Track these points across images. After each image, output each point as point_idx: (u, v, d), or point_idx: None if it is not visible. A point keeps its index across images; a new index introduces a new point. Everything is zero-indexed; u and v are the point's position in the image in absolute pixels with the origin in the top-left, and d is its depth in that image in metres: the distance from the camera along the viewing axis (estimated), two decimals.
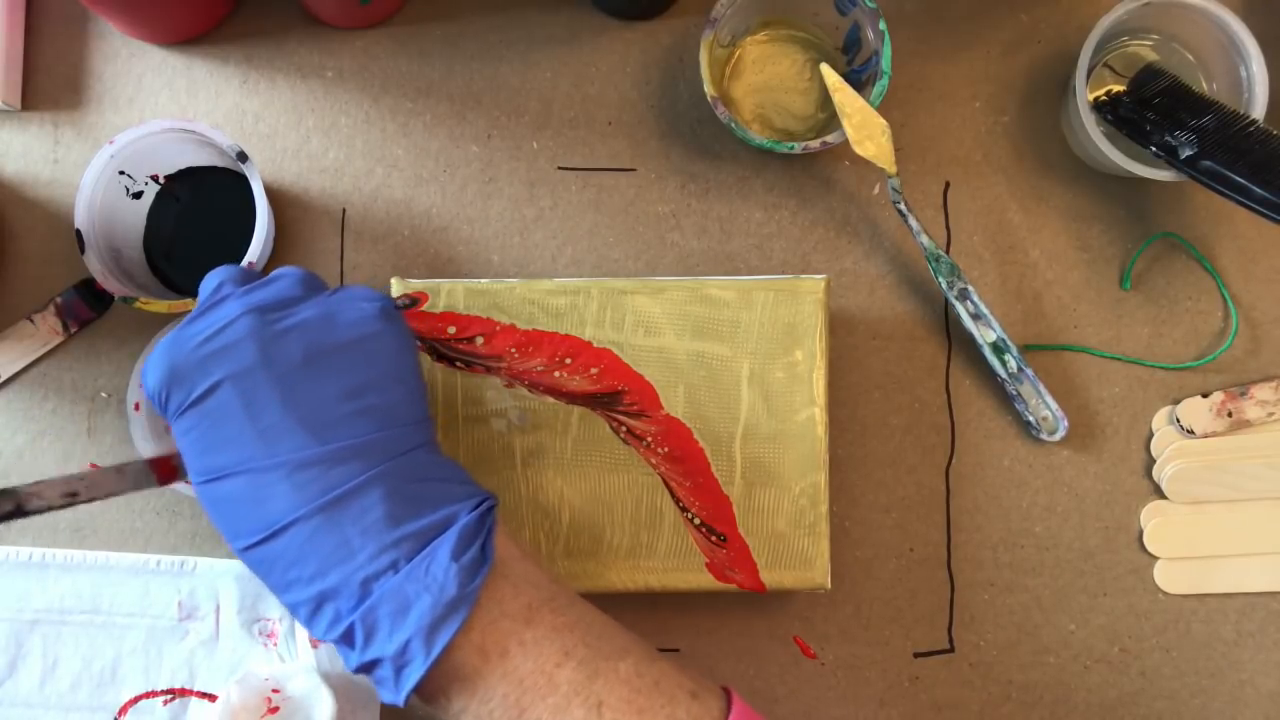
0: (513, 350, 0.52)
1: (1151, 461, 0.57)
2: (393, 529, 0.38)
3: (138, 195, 0.55)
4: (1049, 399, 0.56)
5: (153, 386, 0.40)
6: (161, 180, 0.56)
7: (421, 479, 0.40)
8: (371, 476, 0.39)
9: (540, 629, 0.39)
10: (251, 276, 0.43)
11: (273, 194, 0.57)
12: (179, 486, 0.48)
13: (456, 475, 0.42)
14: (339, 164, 0.57)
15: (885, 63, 0.53)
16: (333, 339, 0.41)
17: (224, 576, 0.55)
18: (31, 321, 0.56)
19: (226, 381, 0.39)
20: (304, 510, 0.38)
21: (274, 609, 0.55)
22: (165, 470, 0.43)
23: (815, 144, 0.53)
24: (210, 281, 0.43)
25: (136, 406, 0.53)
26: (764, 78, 0.58)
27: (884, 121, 0.54)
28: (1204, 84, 0.56)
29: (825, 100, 0.57)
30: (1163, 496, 0.57)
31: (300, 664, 0.54)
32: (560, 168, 0.58)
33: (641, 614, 0.56)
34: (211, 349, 0.40)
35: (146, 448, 0.53)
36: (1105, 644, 0.56)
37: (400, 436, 0.40)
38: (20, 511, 0.40)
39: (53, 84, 0.57)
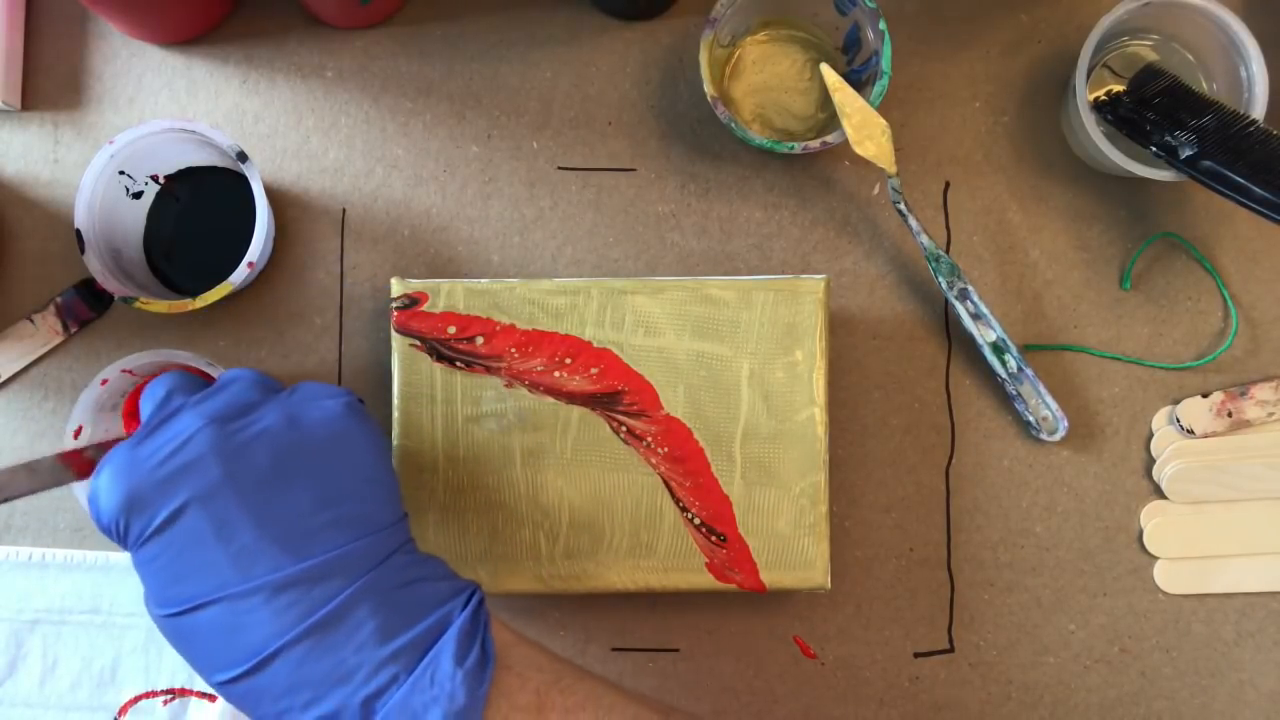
0: (513, 350, 0.52)
1: (1151, 461, 0.57)
2: (388, 642, 0.37)
3: (138, 195, 0.55)
4: (1049, 399, 0.56)
5: (108, 516, 0.37)
6: (161, 180, 0.56)
7: (408, 583, 0.39)
8: (357, 590, 0.37)
9: (553, 714, 0.38)
10: (198, 383, 0.41)
11: (273, 194, 0.57)
12: None
13: (439, 571, 0.41)
14: (339, 164, 0.57)
15: (885, 63, 0.53)
16: (300, 445, 0.39)
17: None
18: (31, 321, 0.56)
19: (193, 503, 0.37)
20: (290, 635, 0.36)
21: None
22: (80, 464, 0.41)
23: (815, 144, 0.53)
24: (156, 392, 0.40)
25: (76, 433, 0.51)
26: (764, 78, 0.58)
27: (884, 121, 0.54)
28: (1204, 84, 0.56)
29: (825, 100, 0.57)
30: (1163, 496, 0.57)
31: None
32: (560, 168, 0.58)
33: (641, 614, 0.56)
34: (172, 468, 0.37)
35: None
36: (1105, 644, 0.56)
37: (380, 541, 0.39)
38: None
39: (53, 84, 0.57)
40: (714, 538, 0.52)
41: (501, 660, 0.39)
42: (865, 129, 0.54)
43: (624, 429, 0.52)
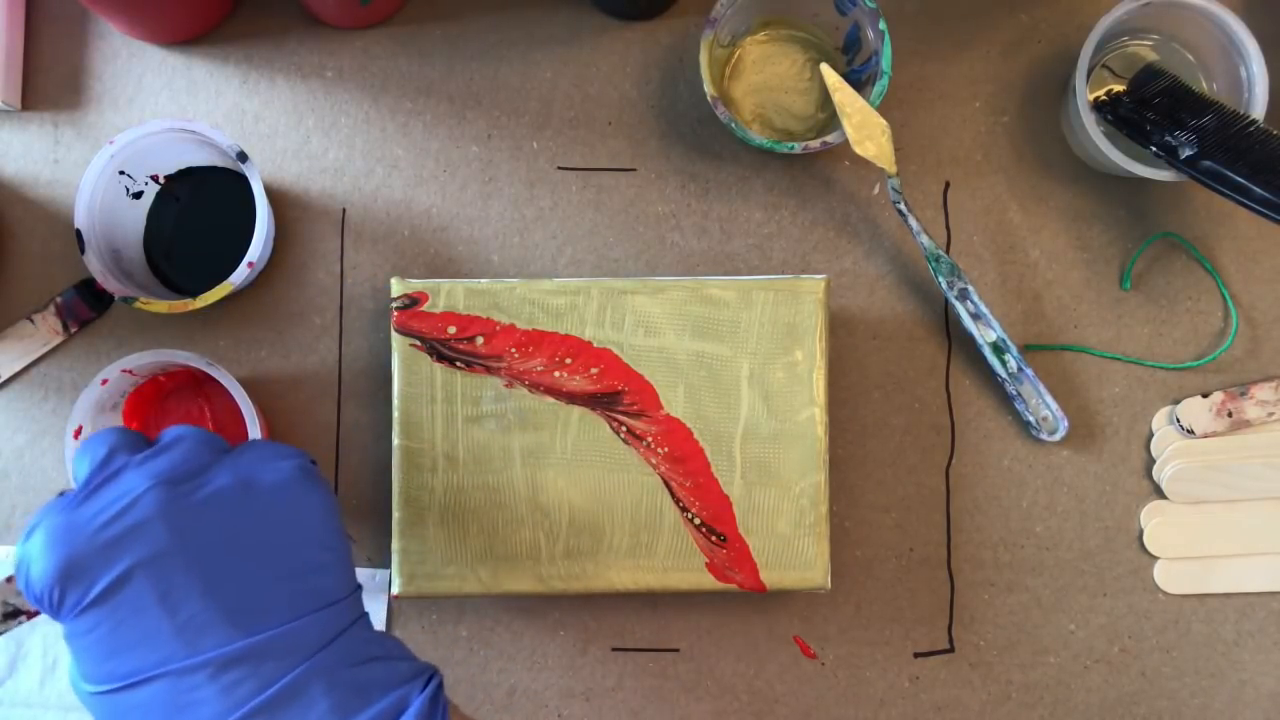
0: (513, 350, 0.52)
1: (1151, 461, 0.57)
2: None
3: (138, 195, 0.55)
4: (1049, 399, 0.56)
5: (41, 584, 0.34)
6: (161, 180, 0.56)
7: (363, 660, 0.36)
8: (310, 667, 0.35)
9: None
10: (140, 441, 0.38)
11: (273, 194, 0.57)
12: None
13: (396, 650, 0.39)
14: (339, 164, 0.57)
15: (885, 63, 0.53)
16: (252, 510, 0.36)
17: None
18: (31, 321, 0.56)
19: (138, 570, 0.34)
20: (238, 715, 0.34)
21: None
22: None
23: (815, 144, 0.53)
24: (96, 450, 0.37)
25: (76, 433, 0.50)
26: (764, 78, 0.58)
27: (884, 121, 0.54)
28: (1204, 84, 0.56)
29: (825, 100, 0.57)
30: (1163, 496, 0.57)
31: None
32: (560, 168, 0.58)
33: (641, 614, 0.56)
34: (116, 532, 0.34)
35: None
36: (1105, 644, 0.56)
37: (335, 615, 0.37)
38: None
39: (53, 84, 0.57)
40: (714, 538, 0.52)
41: None
42: (865, 129, 0.54)
43: (624, 429, 0.52)
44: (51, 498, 0.39)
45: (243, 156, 0.51)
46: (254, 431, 0.51)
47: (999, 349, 0.56)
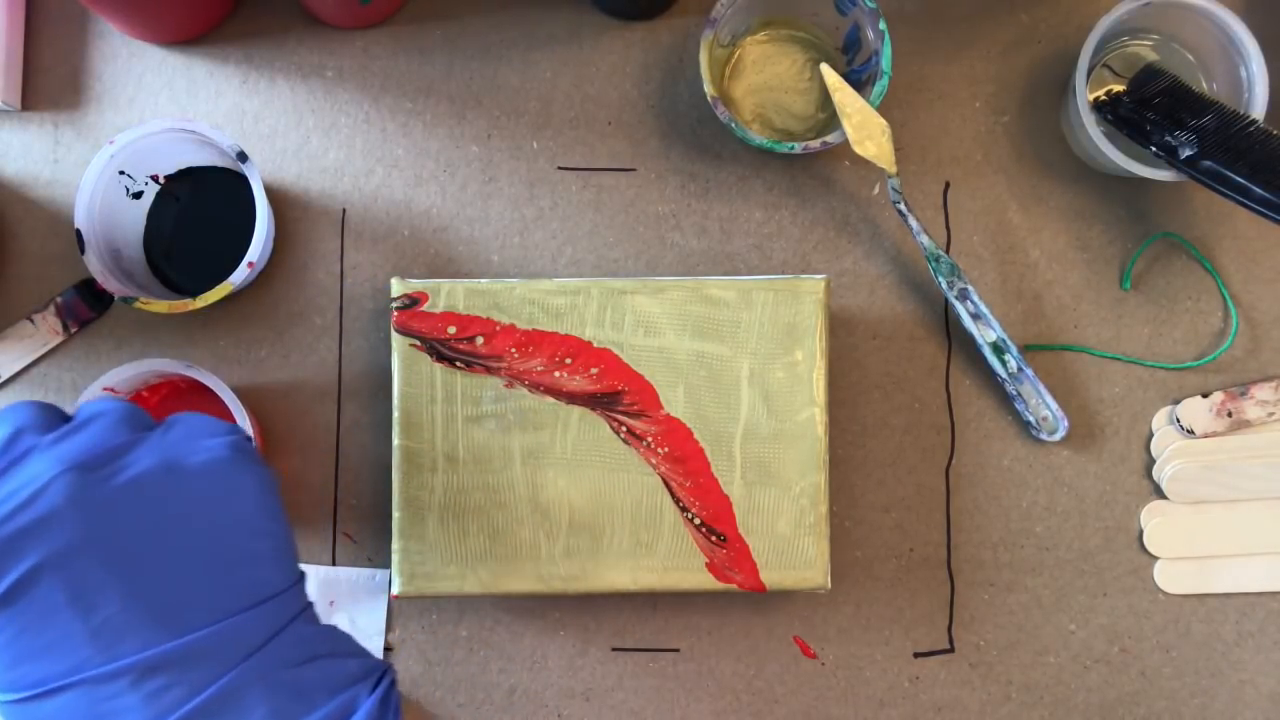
0: (513, 350, 0.52)
1: (1151, 461, 0.57)
2: None
3: (138, 195, 0.55)
4: (1049, 399, 0.55)
5: None
6: (161, 180, 0.56)
7: (306, 659, 0.33)
8: (245, 670, 0.32)
9: None
10: (55, 418, 0.34)
11: (273, 194, 0.57)
12: None
13: (344, 645, 0.36)
14: (339, 164, 0.57)
15: (885, 63, 0.53)
16: (179, 495, 0.33)
17: None
18: (31, 321, 0.56)
19: (45, 568, 0.31)
20: None
21: None
22: None
23: (815, 144, 0.53)
24: (1, 429, 0.33)
25: None
26: (764, 78, 0.58)
27: (884, 121, 0.54)
28: (1204, 84, 0.56)
29: (825, 100, 0.57)
30: (1163, 496, 0.57)
31: None
32: (560, 168, 0.58)
33: (641, 614, 0.56)
34: (20, 525, 0.31)
35: None
36: (1105, 644, 0.56)
37: (273, 611, 0.33)
38: None
39: (53, 84, 0.57)
40: (714, 538, 0.52)
41: None
42: (865, 129, 0.54)
43: (624, 429, 0.52)
44: None
45: (243, 156, 0.51)
46: (242, 426, 0.50)
47: (999, 349, 0.56)
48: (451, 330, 0.52)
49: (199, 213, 0.57)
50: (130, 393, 0.53)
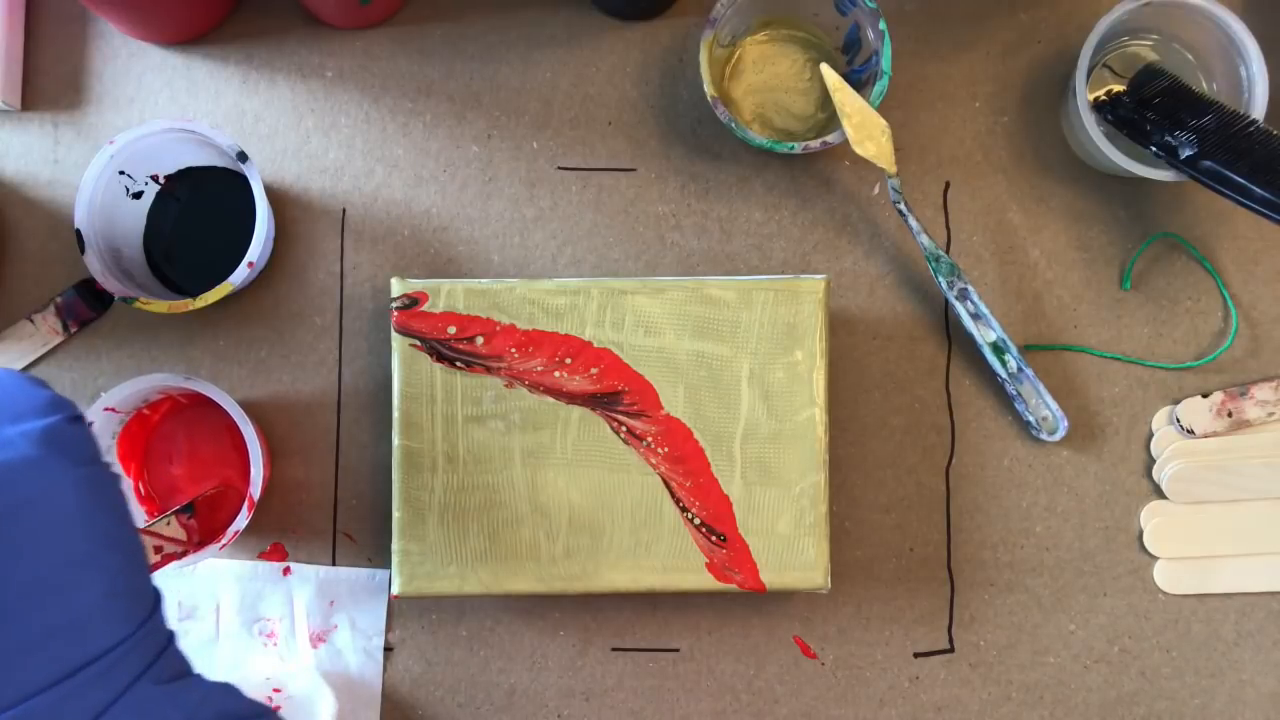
0: (513, 350, 0.52)
1: (1151, 461, 0.57)
2: None
3: (138, 195, 0.55)
4: (1049, 399, 0.55)
5: None
6: (161, 180, 0.56)
7: None
8: None
9: None
10: None
11: (273, 194, 0.57)
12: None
13: (211, 701, 0.26)
14: (339, 164, 0.57)
15: (885, 63, 0.53)
16: None
17: (224, 576, 0.55)
18: (31, 321, 0.56)
19: None
20: None
21: (274, 609, 0.55)
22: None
23: (815, 144, 0.53)
24: None
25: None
26: (764, 78, 0.58)
27: (884, 121, 0.54)
28: (1204, 84, 0.56)
29: (825, 100, 0.57)
30: (1163, 496, 0.57)
31: (301, 663, 0.54)
32: (560, 168, 0.58)
33: (641, 614, 0.56)
34: None
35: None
36: (1105, 644, 0.56)
37: (105, 674, 0.24)
38: None
39: (53, 84, 0.57)
40: (714, 538, 0.52)
41: None
42: (865, 129, 0.54)
43: (624, 429, 0.52)
44: None
45: (243, 156, 0.51)
46: (249, 436, 0.50)
47: (999, 349, 0.56)
48: (451, 330, 0.52)
49: (199, 213, 0.57)
50: (131, 410, 0.52)
